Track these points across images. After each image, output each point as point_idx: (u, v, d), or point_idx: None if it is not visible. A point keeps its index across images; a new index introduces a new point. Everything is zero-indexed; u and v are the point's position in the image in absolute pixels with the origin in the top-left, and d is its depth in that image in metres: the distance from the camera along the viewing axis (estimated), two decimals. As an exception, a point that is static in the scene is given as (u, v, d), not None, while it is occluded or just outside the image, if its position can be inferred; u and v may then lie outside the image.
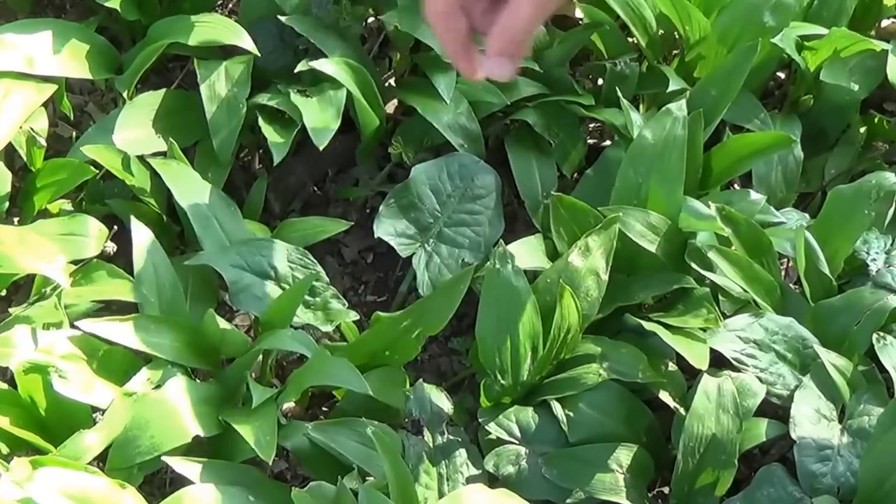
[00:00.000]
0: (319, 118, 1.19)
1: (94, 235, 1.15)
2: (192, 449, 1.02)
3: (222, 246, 1.14)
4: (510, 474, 1.06)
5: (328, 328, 1.12)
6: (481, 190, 1.24)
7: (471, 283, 1.17)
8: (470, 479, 1.05)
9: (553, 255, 1.19)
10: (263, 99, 1.23)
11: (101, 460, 0.99)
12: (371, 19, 1.42)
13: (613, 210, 1.16)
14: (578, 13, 1.40)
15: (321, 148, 1.17)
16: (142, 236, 1.09)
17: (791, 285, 1.28)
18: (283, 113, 1.22)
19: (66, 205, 1.24)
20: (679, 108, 1.19)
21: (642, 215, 1.15)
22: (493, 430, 1.07)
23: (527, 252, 1.18)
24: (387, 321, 1.08)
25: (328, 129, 1.19)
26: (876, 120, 1.48)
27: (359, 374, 0.99)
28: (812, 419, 1.08)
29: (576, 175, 1.32)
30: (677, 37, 1.37)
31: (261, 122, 1.23)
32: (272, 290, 1.11)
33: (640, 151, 1.18)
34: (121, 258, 1.17)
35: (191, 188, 1.16)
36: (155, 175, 1.22)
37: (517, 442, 1.07)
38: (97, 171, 1.21)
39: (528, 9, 0.74)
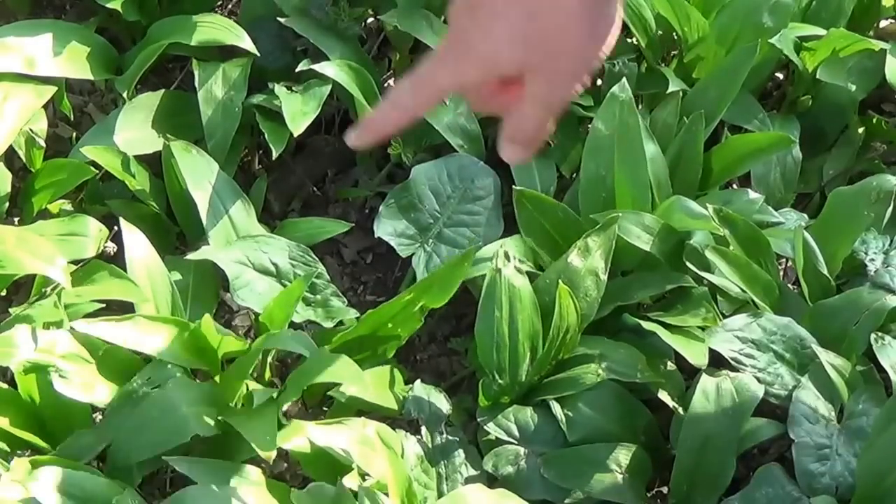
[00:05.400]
0: (299, 109, 1.20)
1: (93, 236, 1.15)
2: (192, 449, 1.02)
3: (228, 241, 1.14)
4: (509, 474, 1.06)
5: (329, 325, 1.12)
6: (481, 191, 1.24)
7: (470, 283, 1.17)
8: (469, 480, 1.05)
9: (526, 253, 1.19)
10: (259, 99, 1.24)
11: (101, 460, 0.99)
12: (370, 20, 1.43)
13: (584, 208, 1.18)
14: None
15: (296, 133, 1.18)
16: (134, 239, 1.10)
17: (789, 285, 1.28)
18: (281, 112, 1.22)
19: (66, 205, 1.24)
20: (622, 89, 1.18)
21: (636, 217, 1.15)
22: (492, 430, 1.07)
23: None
24: (389, 302, 1.09)
25: (305, 116, 1.20)
26: (874, 120, 1.48)
27: (359, 370, 0.99)
28: (810, 419, 1.08)
29: (574, 175, 1.32)
30: (676, 37, 1.38)
31: (259, 120, 1.23)
32: (273, 286, 1.11)
33: (596, 143, 1.19)
34: (120, 258, 1.17)
35: (204, 179, 1.17)
36: (154, 176, 1.22)
37: (516, 442, 1.08)
38: (97, 172, 1.21)
39: (534, 110, 0.76)
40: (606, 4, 0.72)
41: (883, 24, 1.55)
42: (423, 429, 1.06)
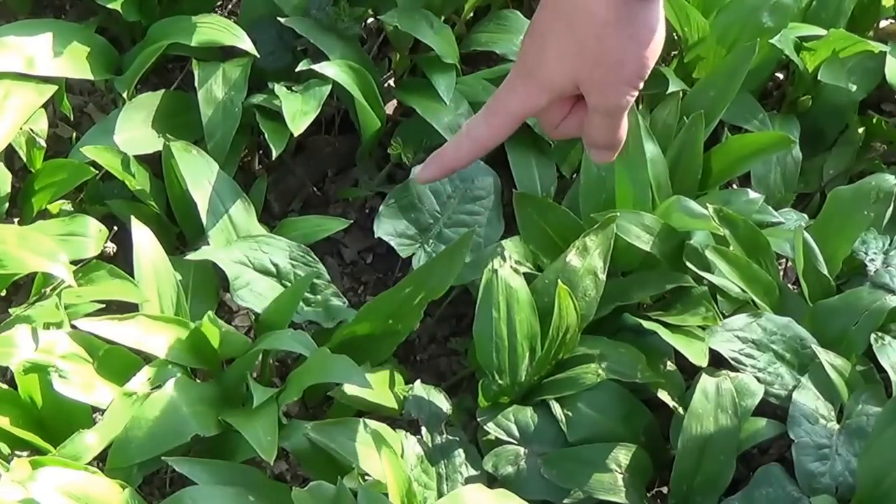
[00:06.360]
0: (299, 109, 1.20)
1: (93, 236, 1.15)
2: (192, 449, 1.02)
3: (228, 241, 1.14)
4: (509, 474, 1.06)
5: (329, 325, 1.12)
6: (481, 191, 1.24)
7: (469, 283, 1.17)
8: (469, 480, 1.05)
9: (526, 254, 1.19)
10: (259, 99, 1.24)
11: (101, 460, 0.99)
12: (370, 20, 1.43)
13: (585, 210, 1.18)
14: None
15: (296, 133, 1.18)
16: (142, 236, 1.10)
17: (789, 285, 1.28)
18: (281, 112, 1.22)
19: (66, 205, 1.24)
20: None
21: (636, 217, 1.15)
22: (492, 430, 1.07)
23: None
24: (388, 293, 1.09)
25: (305, 116, 1.20)
26: (874, 120, 1.48)
27: (360, 370, 0.99)
28: (810, 419, 1.09)
29: (574, 175, 1.32)
30: (676, 38, 1.38)
31: (259, 120, 1.23)
32: (273, 286, 1.11)
33: None
34: (121, 258, 1.17)
35: (204, 179, 1.17)
36: (154, 176, 1.22)
37: (516, 442, 1.08)
38: (97, 172, 1.21)
39: (598, 119, 0.78)
40: (642, 9, 0.73)
41: (883, 24, 1.55)
42: (423, 429, 1.06)
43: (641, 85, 0.77)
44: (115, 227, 1.19)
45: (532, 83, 0.78)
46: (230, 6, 1.52)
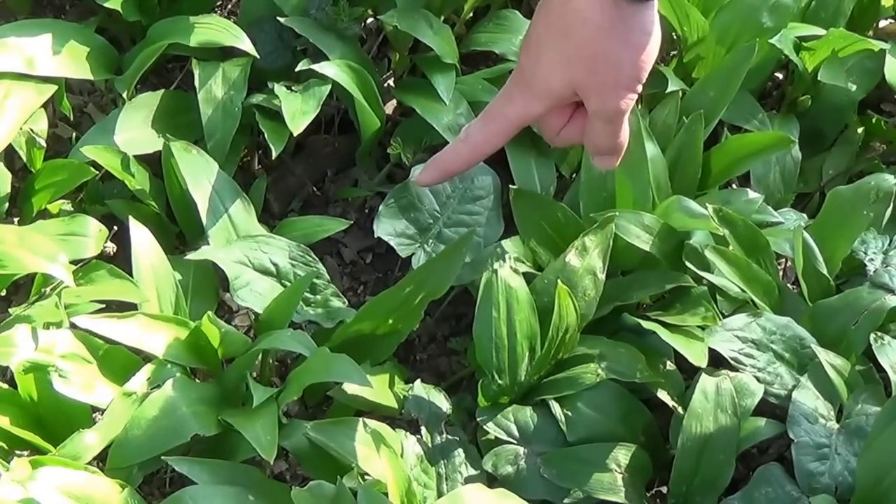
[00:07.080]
0: (299, 108, 1.20)
1: (93, 236, 1.15)
2: (192, 449, 1.02)
3: (228, 240, 1.14)
4: (509, 474, 1.06)
5: (329, 325, 1.12)
6: (480, 191, 1.24)
7: (469, 283, 1.17)
8: (468, 479, 1.05)
9: (526, 254, 1.19)
10: (259, 99, 1.24)
11: (101, 460, 0.99)
12: (370, 20, 1.43)
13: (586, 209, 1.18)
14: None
15: (296, 133, 1.18)
16: (140, 236, 1.10)
17: (789, 285, 1.28)
18: (281, 112, 1.22)
19: (66, 205, 1.24)
20: None
21: (635, 217, 1.15)
22: (492, 429, 1.07)
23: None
24: (388, 292, 1.09)
25: (305, 116, 1.20)
26: (874, 120, 1.49)
27: (360, 369, 1.00)
28: (810, 418, 1.09)
29: (574, 175, 1.32)
30: (675, 37, 1.38)
31: (259, 119, 1.23)
32: (273, 286, 1.11)
33: None
34: (121, 258, 1.17)
35: (204, 178, 1.17)
36: (154, 176, 1.22)
37: (515, 442, 1.08)
38: (97, 172, 1.21)
39: (598, 124, 0.78)
40: (637, 13, 0.73)
41: (882, 24, 1.56)
42: (423, 428, 1.06)
43: (640, 88, 0.77)
44: (115, 227, 1.19)
45: (529, 91, 0.79)
46: (230, 6, 1.52)
